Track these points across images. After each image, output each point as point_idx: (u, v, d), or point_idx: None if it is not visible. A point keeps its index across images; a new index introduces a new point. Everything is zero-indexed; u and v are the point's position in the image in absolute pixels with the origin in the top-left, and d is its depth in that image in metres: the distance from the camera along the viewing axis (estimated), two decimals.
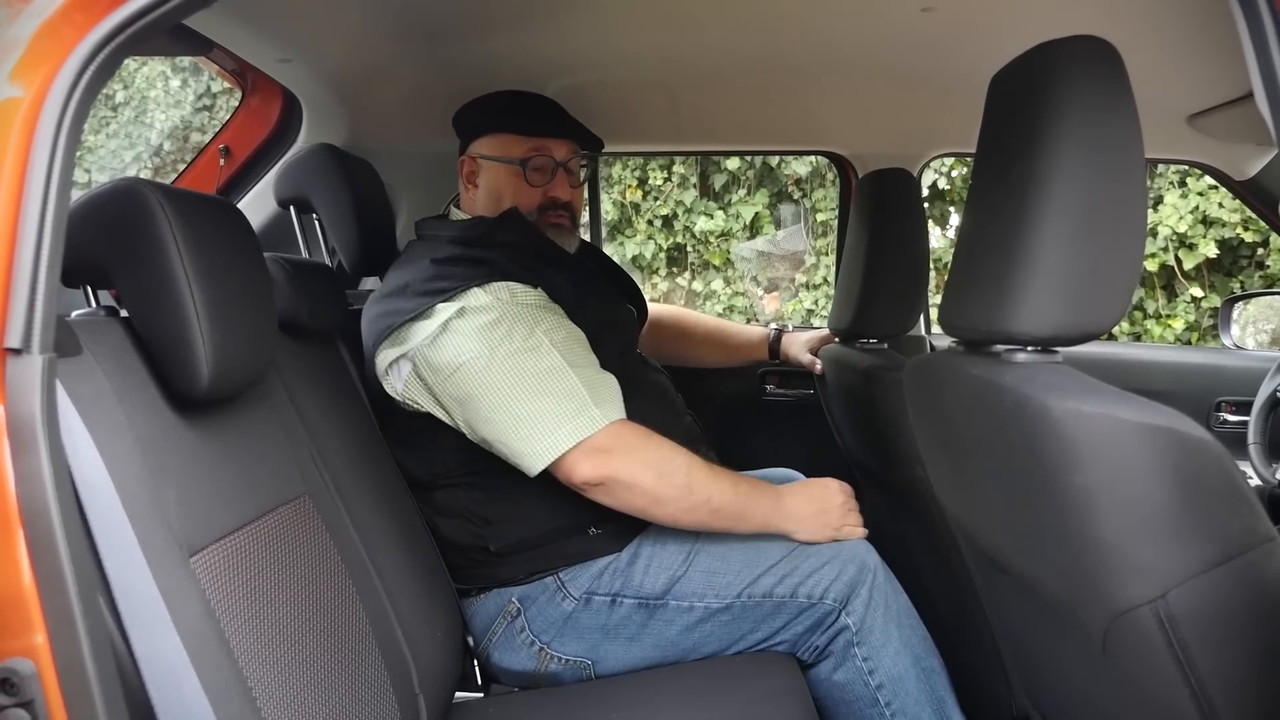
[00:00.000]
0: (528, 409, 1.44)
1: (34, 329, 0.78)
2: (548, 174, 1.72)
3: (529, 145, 1.70)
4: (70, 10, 0.81)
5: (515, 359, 1.46)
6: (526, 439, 1.44)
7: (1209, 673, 0.82)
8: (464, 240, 1.63)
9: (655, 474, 1.46)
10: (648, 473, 1.45)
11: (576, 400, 1.45)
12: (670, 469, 1.47)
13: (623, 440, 1.46)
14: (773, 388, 2.48)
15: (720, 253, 6.24)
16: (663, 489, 1.46)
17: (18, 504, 0.76)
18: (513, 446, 1.46)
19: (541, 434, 1.43)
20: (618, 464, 1.44)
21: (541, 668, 1.55)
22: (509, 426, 1.45)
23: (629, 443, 1.46)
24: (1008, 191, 0.96)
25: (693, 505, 1.47)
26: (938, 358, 1.15)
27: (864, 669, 1.47)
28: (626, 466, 1.44)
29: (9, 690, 0.76)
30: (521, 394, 1.45)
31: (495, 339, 1.47)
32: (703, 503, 1.47)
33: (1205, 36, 1.52)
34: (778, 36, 1.73)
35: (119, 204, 1.03)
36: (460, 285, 1.50)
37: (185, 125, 6.61)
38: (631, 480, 1.45)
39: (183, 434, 1.05)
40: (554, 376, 1.46)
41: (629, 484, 1.45)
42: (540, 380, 1.45)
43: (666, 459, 1.48)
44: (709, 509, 1.48)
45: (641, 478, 1.45)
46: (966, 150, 2.49)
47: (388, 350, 1.54)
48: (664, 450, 1.48)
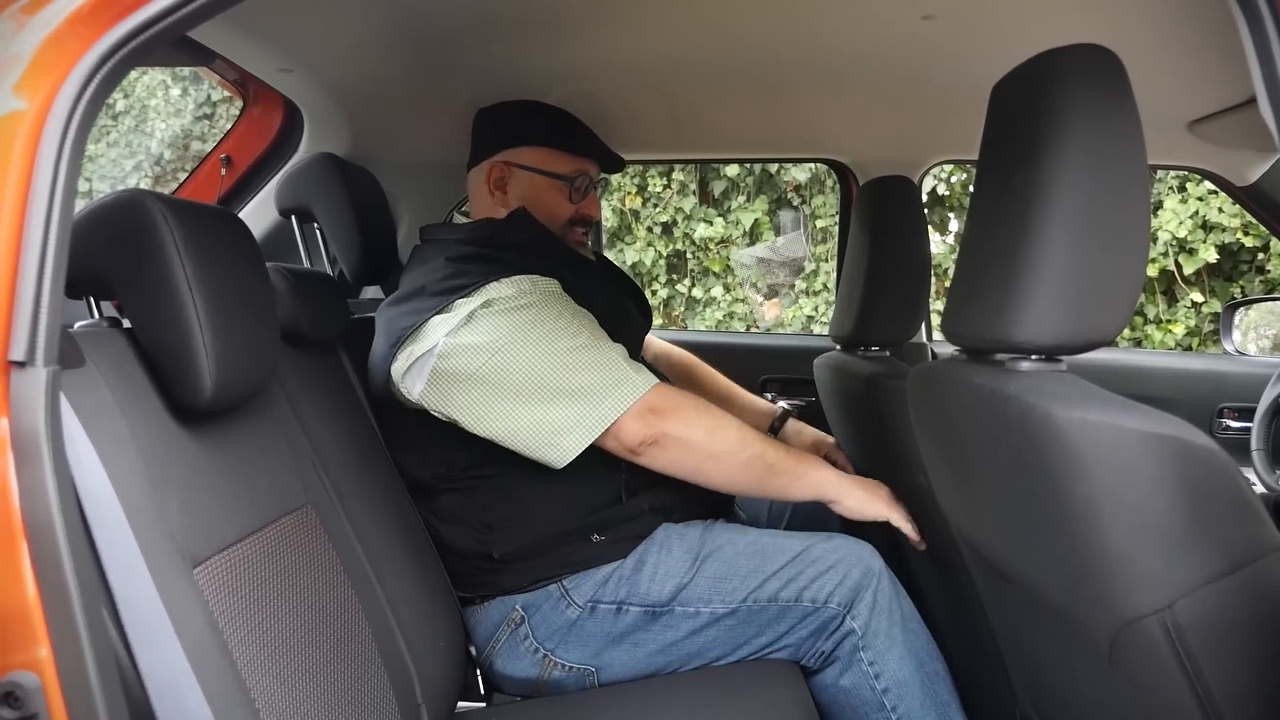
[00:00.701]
0: (573, 383, 1.44)
1: (38, 341, 0.78)
2: (584, 194, 1.77)
3: (575, 164, 1.74)
4: (74, 23, 0.81)
5: (550, 340, 1.46)
6: (573, 415, 1.43)
7: (1216, 682, 0.81)
8: (476, 240, 1.64)
9: (707, 430, 1.46)
10: (699, 429, 1.46)
11: (617, 369, 1.46)
12: (721, 424, 1.47)
13: (671, 400, 1.47)
14: (774, 396, 2.48)
15: (720, 259, 6.24)
16: (717, 444, 1.46)
17: (22, 516, 0.76)
18: (556, 425, 1.44)
19: (591, 405, 1.43)
20: (670, 422, 1.45)
21: (545, 675, 1.54)
22: (550, 408, 1.44)
23: (678, 401, 1.48)
24: (1010, 199, 0.96)
25: (748, 460, 1.47)
26: (940, 366, 1.15)
27: (870, 673, 1.46)
28: (679, 424, 1.45)
29: (13, 704, 0.76)
30: (563, 371, 1.44)
31: (525, 323, 1.46)
32: (757, 456, 1.47)
33: (1206, 42, 1.52)
34: (778, 44, 1.73)
35: (122, 215, 1.03)
36: (479, 280, 1.50)
37: (185, 134, 6.62)
38: (685, 436, 1.45)
39: (185, 445, 1.05)
40: (591, 350, 1.47)
41: (683, 439, 1.45)
42: (579, 355, 1.46)
43: (716, 415, 1.49)
44: (764, 463, 1.47)
45: (694, 433, 1.45)
46: (967, 157, 2.49)
47: (410, 348, 1.50)
48: (712, 409, 1.50)
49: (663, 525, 1.59)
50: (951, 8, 1.50)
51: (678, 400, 1.48)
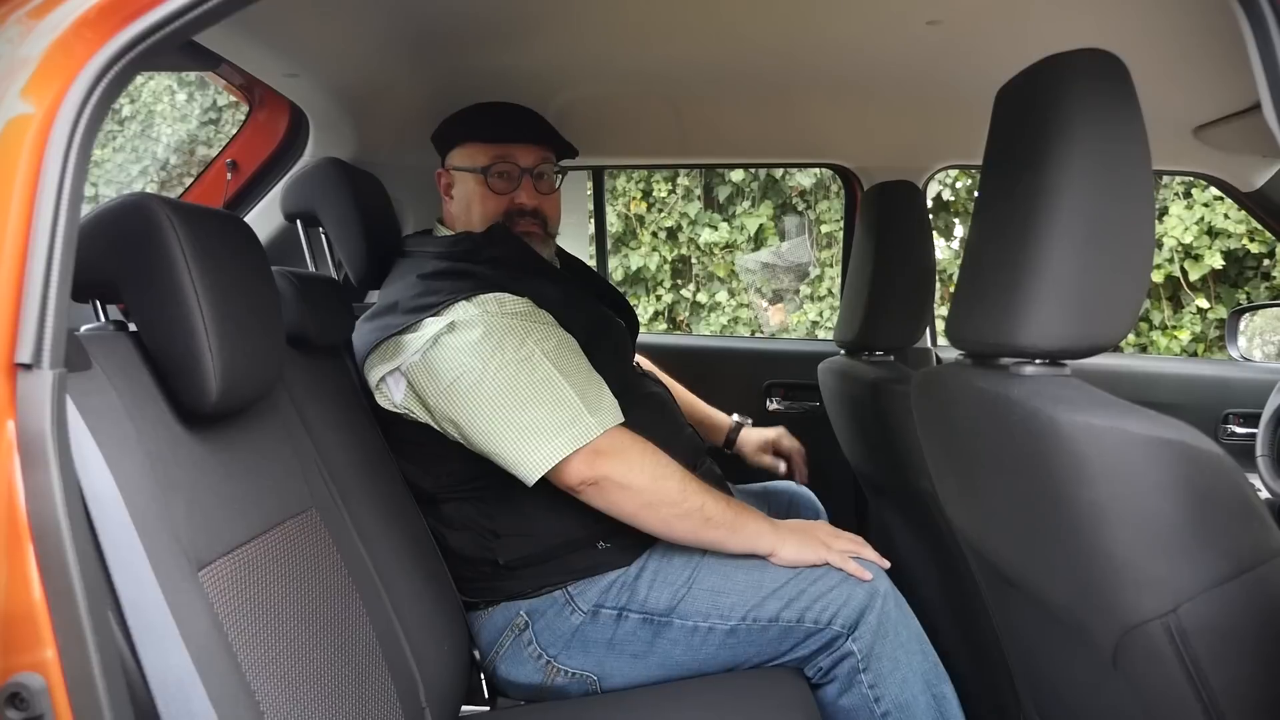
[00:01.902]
0: (523, 419, 1.45)
1: (44, 344, 0.78)
2: (512, 181, 1.71)
3: (492, 153, 1.70)
4: (81, 28, 0.81)
5: (507, 370, 1.46)
6: (522, 448, 1.45)
7: (1221, 687, 0.81)
8: (450, 255, 1.64)
9: (650, 477, 1.47)
10: (642, 475, 1.46)
11: (570, 409, 1.46)
12: (664, 474, 1.48)
13: (618, 444, 1.47)
14: (777, 400, 2.48)
15: (724, 264, 6.25)
16: (657, 493, 1.47)
17: (28, 519, 0.76)
18: (509, 456, 1.46)
19: (538, 443, 1.44)
20: (612, 465, 1.45)
21: (548, 681, 1.54)
22: (505, 437, 1.46)
23: (625, 445, 1.47)
24: (1015, 204, 0.96)
25: (686, 511, 1.48)
26: (945, 370, 1.15)
27: (870, 696, 1.45)
28: (621, 467, 1.45)
29: (19, 705, 0.76)
30: (516, 404, 1.45)
31: (486, 352, 1.47)
32: (696, 509, 1.48)
33: (1211, 48, 1.52)
34: (782, 50, 1.74)
35: (128, 219, 1.03)
36: (447, 299, 1.52)
37: (191, 139, 6.64)
38: (625, 481, 1.45)
39: (191, 448, 1.05)
40: (547, 386, 1.47)
41: (623, 484, 1.45)
42: (534, 390, 1.46)
43: (661, 464, 1.48)
44: (701, 516, 1.48)
45: (636, 479, 1.46)
46: (972, 163, 2.49)
47: (379, 366, 1.56)
48: (659, 457, 1.49)
49: None
50: (956, 13, 1.51)
51: (625, 444, 1.48)
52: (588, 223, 2.98)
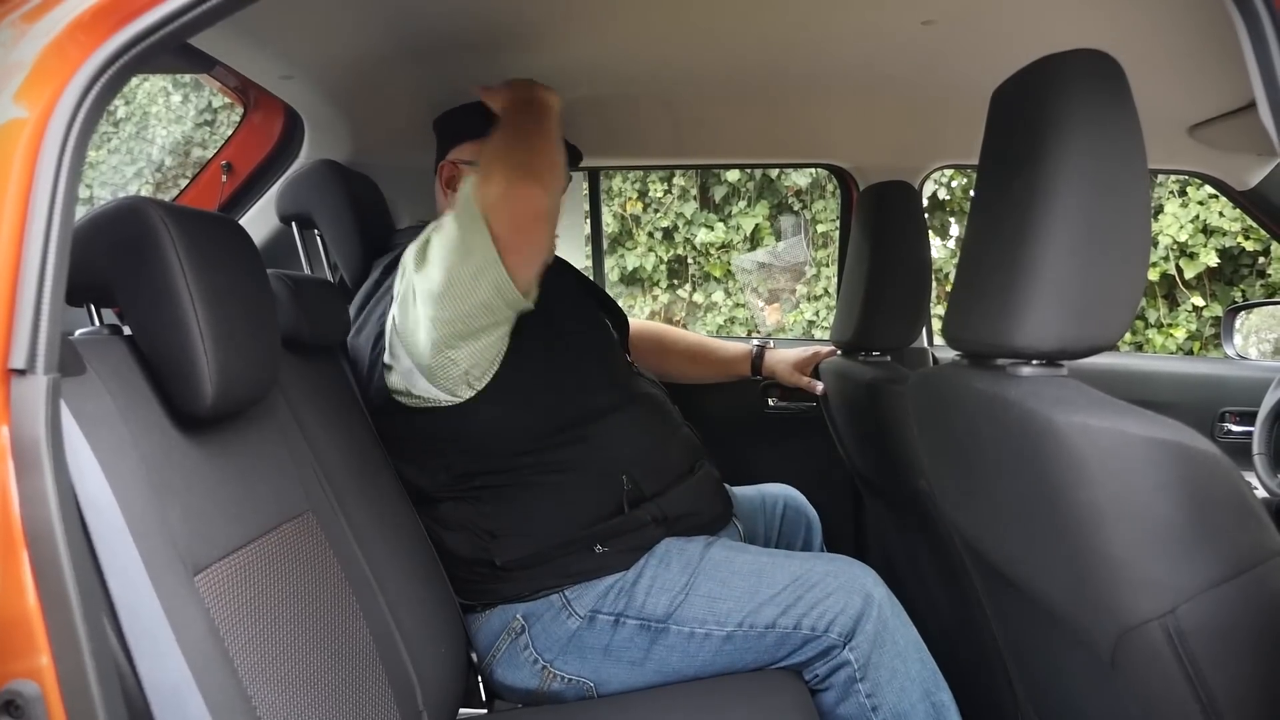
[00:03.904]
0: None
1: (39, 349, 0.78)
2: None
3: None
4: (75, 31, 0.81)
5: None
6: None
7: (1219, 687, 0.81)
8: None
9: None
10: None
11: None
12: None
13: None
14: (775, 401, 2.48)
15: (721, 264, 6.25)
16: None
17: (22, 525, 0.76)
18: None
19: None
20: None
21: (544, 686, 1.54)
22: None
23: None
24: (1010, 205, 0.96)
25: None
26: (942, 371, 1.15)
27: (867, 705, 1.44)
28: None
29: (13, 712, 0.75)
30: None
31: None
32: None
33: (1206, 46, 1.52)
34: (778, 50, 1.74)
35: (123, 222, 1.03)
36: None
37: (186, 141, 6.63)
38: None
39: (186, 452, 1.05)
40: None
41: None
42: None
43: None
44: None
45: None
46: (968, 162, 2.49)
47: (385, 354, 1.57)
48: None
49: (666, 539, 1.58)
50: (952, 13, 1.51)
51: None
52: (584, 223, 2.98)
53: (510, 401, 1.55)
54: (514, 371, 1.54)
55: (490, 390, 1.54)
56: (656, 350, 2.23)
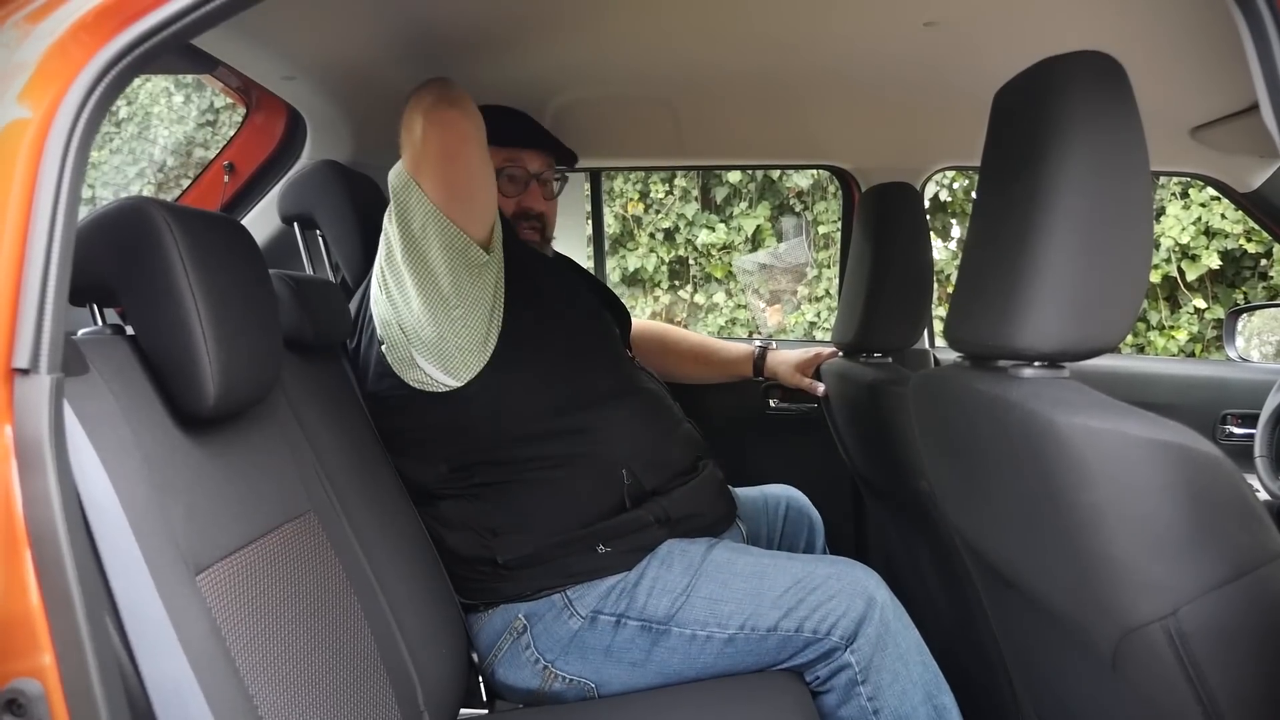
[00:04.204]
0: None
1: (42, 349, 0.78)
2: (520, 184, 1.75)
3: (503, 156, 1.72)
4: (78, 31, 0.81)
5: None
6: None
7: (1220, 689, 0.81)
8: None
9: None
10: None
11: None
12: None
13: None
14: (776, 402, 2.48)
15: (722, 265, 6.25)
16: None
17: (25, 524, 0.76)
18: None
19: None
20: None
21: (545, 686, 1.54)
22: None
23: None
24: (1013, 206, 0.96)
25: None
26: (943, 373, 1.15)
27: (869, 707, 1.44)
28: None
29: (16, 711, 0.76)
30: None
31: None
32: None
33: (1208, 49, 1.52)
34: (780, 51, 1.74)
35: (125, 222, 1.03)
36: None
37: (188, 141, 6.63)
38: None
39: (189, 452, 1.05)
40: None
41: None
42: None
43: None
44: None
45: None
46: (970, 164, 2.49)
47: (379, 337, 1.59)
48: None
49: (668, 540, 1.58)
50: (954, 15, 1.51)
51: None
52: (585, 224, 2.98)
53: (507, 385, 1.55)
54: (512, 350, 1.55)
55: (487, 373, 1.54)
56: (659, 350, 2.23)
